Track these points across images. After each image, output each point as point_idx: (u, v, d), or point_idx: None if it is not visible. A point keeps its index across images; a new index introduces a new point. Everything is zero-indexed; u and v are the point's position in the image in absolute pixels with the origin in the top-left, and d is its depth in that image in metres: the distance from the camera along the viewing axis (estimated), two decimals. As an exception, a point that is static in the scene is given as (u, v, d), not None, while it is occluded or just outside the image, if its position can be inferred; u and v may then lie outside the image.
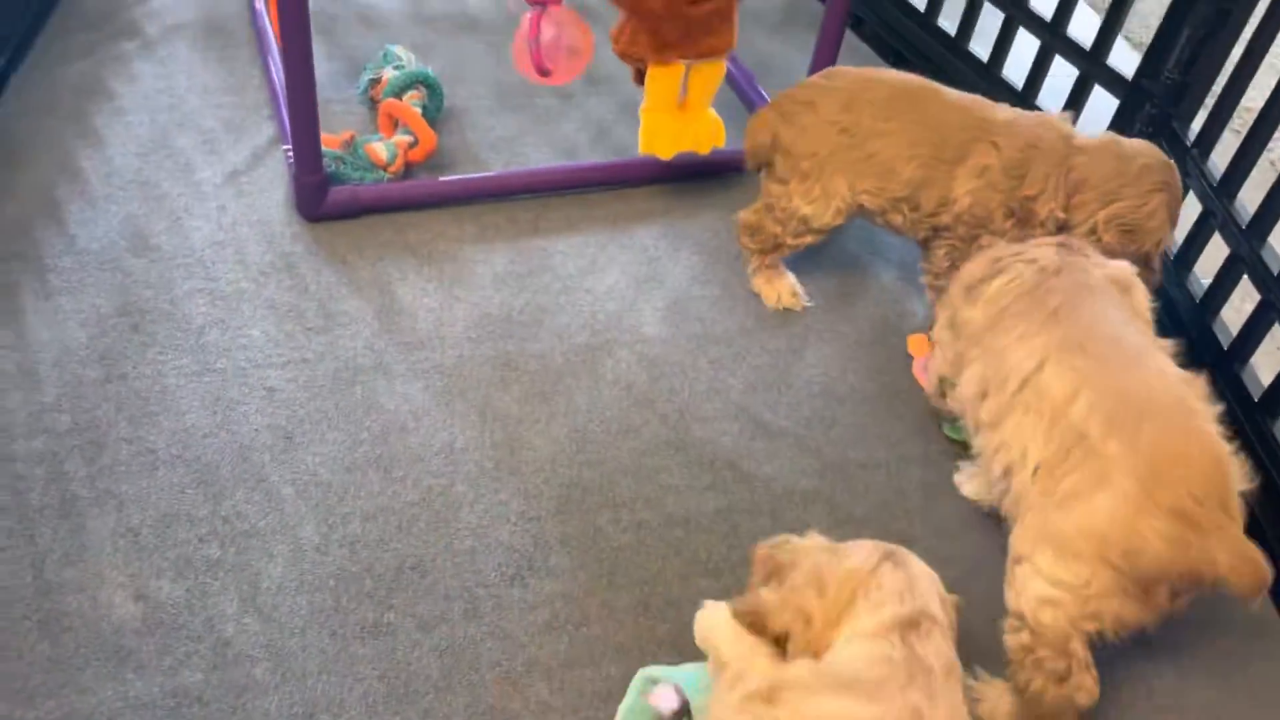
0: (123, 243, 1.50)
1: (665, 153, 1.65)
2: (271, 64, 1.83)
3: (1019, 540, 1.09)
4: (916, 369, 1.49)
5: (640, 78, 1.61)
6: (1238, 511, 1.02)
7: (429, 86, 1.76)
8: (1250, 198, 1.43)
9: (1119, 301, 1.20)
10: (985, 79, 1.90)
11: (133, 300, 1.42)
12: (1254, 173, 1.45)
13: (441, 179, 1.66)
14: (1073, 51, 1.76)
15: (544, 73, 1.48)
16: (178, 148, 1.68)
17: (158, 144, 1.68)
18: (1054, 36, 1.78)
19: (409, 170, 1.68)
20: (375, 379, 1.37)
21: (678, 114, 1.61)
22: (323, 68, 1.86)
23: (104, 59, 1.83)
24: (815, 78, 1.55)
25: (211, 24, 1.95)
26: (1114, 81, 1.69)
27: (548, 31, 1.46)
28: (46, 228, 1.50)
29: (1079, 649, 1.04)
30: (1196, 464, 1.01)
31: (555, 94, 1.92)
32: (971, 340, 1.24)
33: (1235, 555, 0.99)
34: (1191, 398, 1.08)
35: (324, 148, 1.58)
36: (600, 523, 1.25)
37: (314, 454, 1.27)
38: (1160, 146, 1.55)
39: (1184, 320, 1.51)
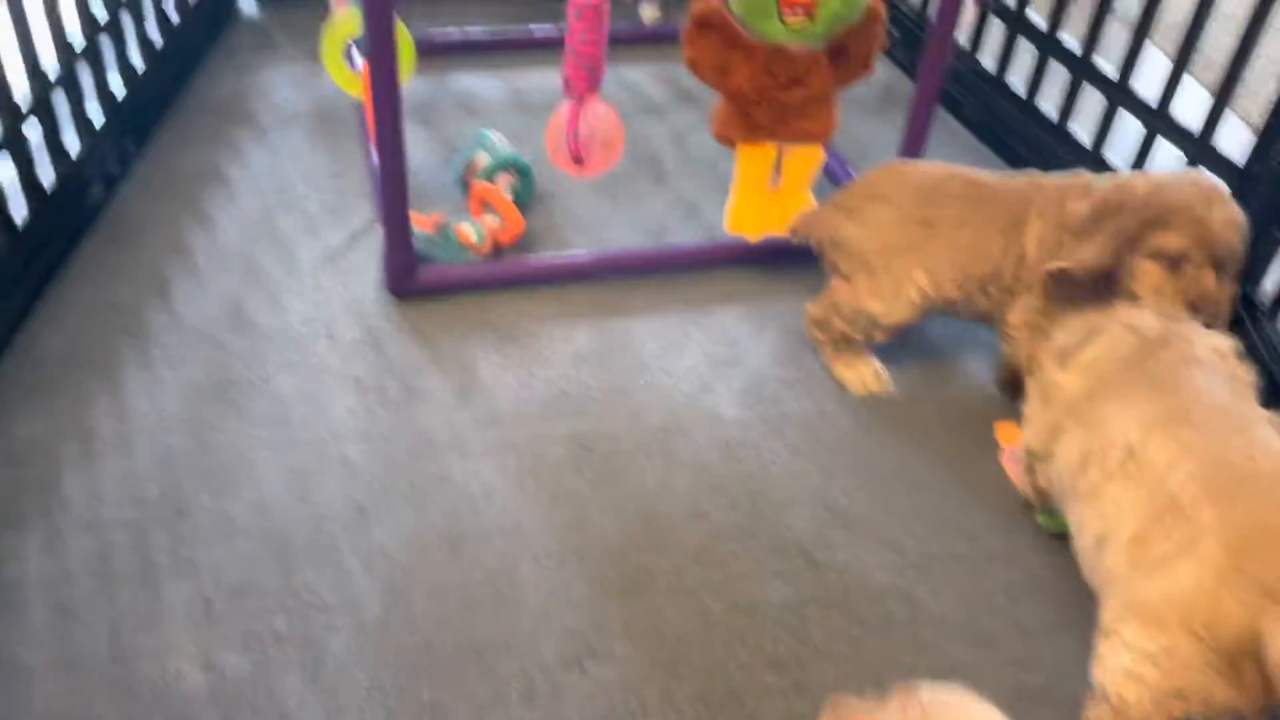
0: (223, 319, 1.57)
1: (751, 234, 1.65)
2: (372, 149, 1.90)
3: (1107, 613, 1.04)
4: (1005, 459, 1.43)
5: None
6: None
7: (520, 171, 1.81)
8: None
9: (1224, 373, 1.14)
10: (1088, 162, 1.84)
11: (228, 374, 1.48)
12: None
13: (526, 260, 1.69)
14: (1178, 134, 1.70)
15: (579, 162, 1.51)
16: (281, 228, 1.76)
17: (263, 225, 1.76)
18: (1157, 118, 1.73)
19: (498, 252, 1.71)
20: (449, 455, 1.39)
21: (767, 196, 1.62)
22: (421, 152, 1.95)
23: (221, 145, 1.94)
24: (878, 172, 1.53)
25: (323, 114, 2.05)
26: (1223, 167, 1.62)
27: (583, 124, 1.49)
28: (155, 304, 1.58)
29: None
30: None
31: (647, 176, 1.95)
32: (1067, 409, 1.20)
33: None
34: None
35: (415, 228, 1.64)
36: (665, 609, 1.23)
37: (384, 528, 1.29)
38: (1272, 236, 1.48)
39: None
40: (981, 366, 1.59)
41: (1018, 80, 2.04)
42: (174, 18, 2.06)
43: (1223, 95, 1.61)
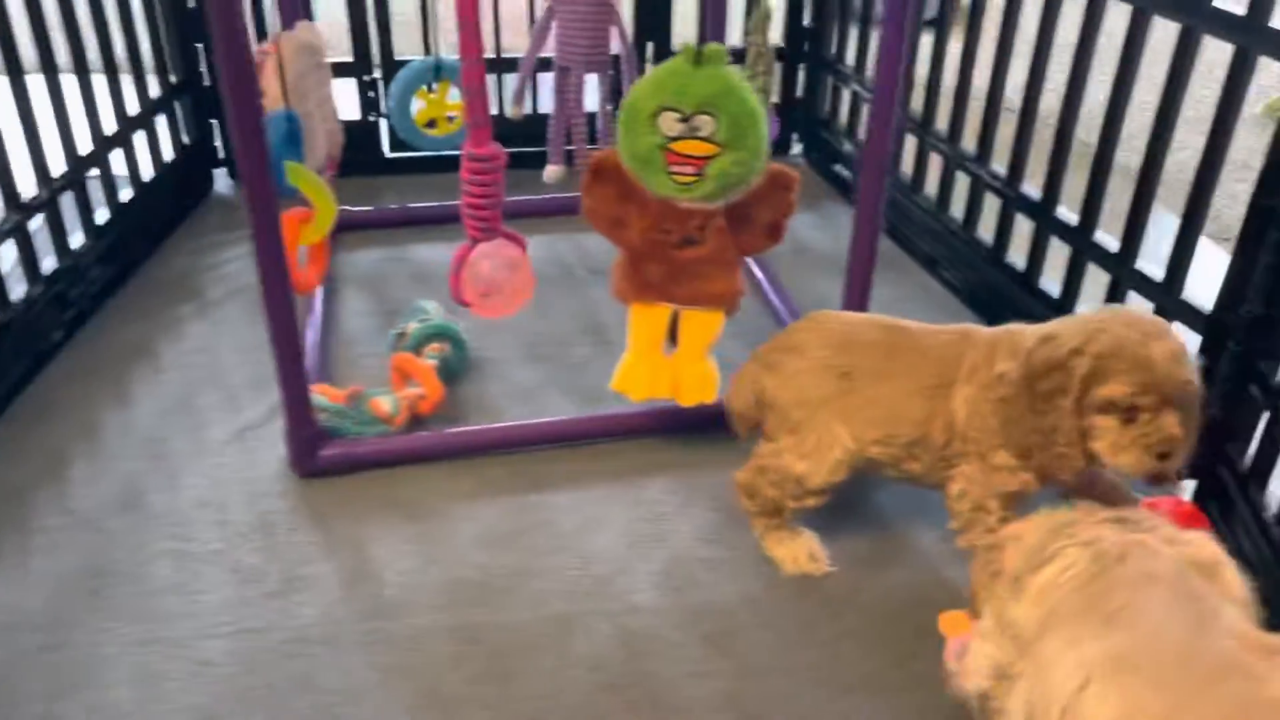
0: (114, 502, 1.48)
1: (635, 395, 1.54)
2: (310, 320, 1.85)
3: None
4: (949, 653, 1.25)
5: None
6: None
7: (452, 340, 1.74)
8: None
9: (1199, 592, 0.93)
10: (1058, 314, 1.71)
11: (103, 562, 1.37)
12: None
13: (438, 433, 1.59)
14: (1146, 284, 1.57)
15: (463, 303, 1.47)
16: (198, 405, 1.69)
17: (181, 402, 1.69)
18: (1123, 268, 1.60)
19: (420, 423, 1.62)
20: (319, 653, 1.25)
21: (659, 359, 1.51)
22: (363, 321, 1.90)
23: (161, 321, 1.91)
24: (796, 324, 1.42)
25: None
26: (1193, 317, 1.47)
27: (480, 266, 1.43)
28: (46, 489, 1.50)
29: None
30: None
31: (592, 343, 1.86)
32: (1021, 647, 0.99)
33: None
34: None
35: (326, 401, 1.55)
36: (529, 839, 1.05)
37: (230, 740, 1.15)
38: (1248, 394, 1.32)
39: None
40: (933, 540, 1.42)
41: (986, 234, 1.94)
42: (128, 196, 2.07)
43: (1181, 243, 1.48)
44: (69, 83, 1.83)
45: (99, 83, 1.96)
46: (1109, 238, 1.64)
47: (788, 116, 2.59)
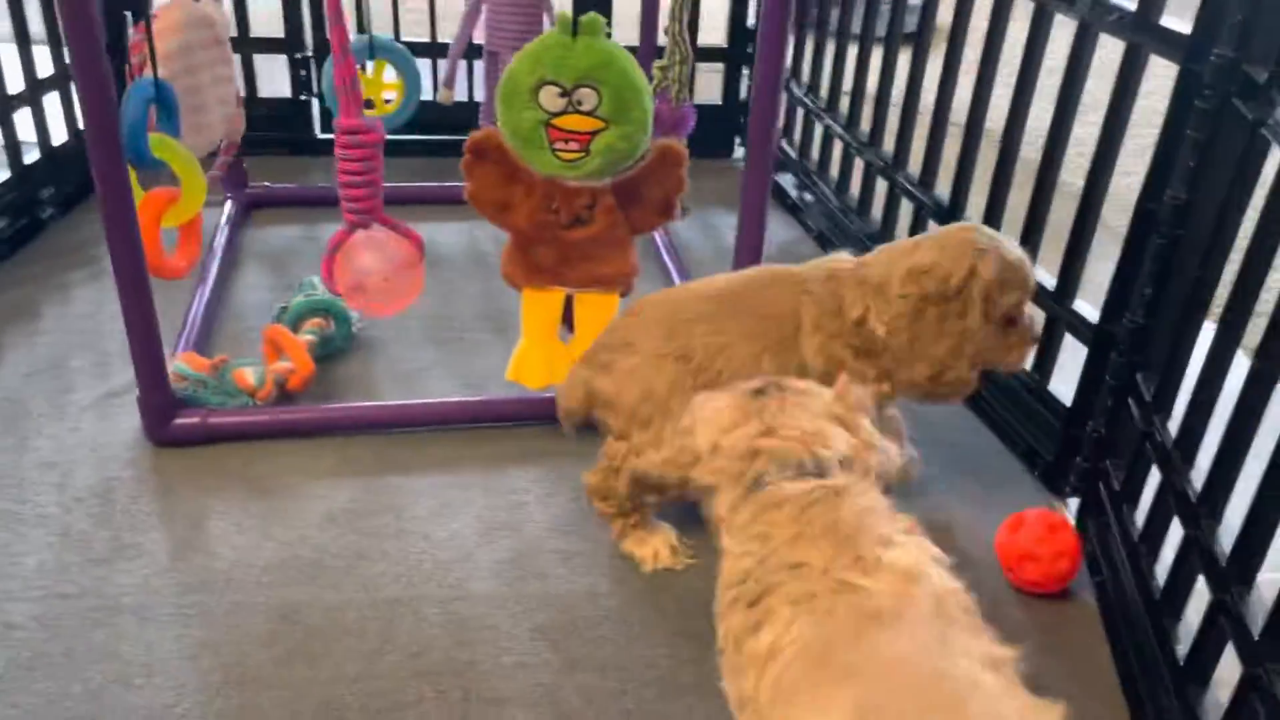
0: (-45, 460, 1.43)
1: (532, 384, 1.48)
2: (199, 291, 1.80)
3: None
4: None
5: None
6: None
7: (335, 316, 1.68)
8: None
9: (923, 618, 0.80)
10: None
11: (-73, 519, 1.32)
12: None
13: (302, 407, 1.53)
14: (1042, 295, 1.51)
15: (335, 293, 1.41)
16: (69, 368, 1.64)
17: (53, 364, 1.64)
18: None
19: (290, 398, 1.56)
20: (127, 622, 1.19)
21: (555, 346, 1.45)
22: (259, 295, 1.85)
23: (50, 285, 1.86)
24: (618, 319, 1.36)
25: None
26: (1081, 327, 1.42)
27: (359, 255, 1.37)
28: (-111, 441, 1.45)
29: None
30: None
31: (489, 329, 1.80)
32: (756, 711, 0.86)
33: None
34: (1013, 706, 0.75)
35: (189, 369, 1.50)
36: (302, 827, 0.99)
37: (10, 704, 1.08)
38: (1127, 409, 1.27)
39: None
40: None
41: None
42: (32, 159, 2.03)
43: (1071, 250, 1.43)
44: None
45: (8, 50, 1.92)
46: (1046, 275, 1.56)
47: (731, 120, 2.55)
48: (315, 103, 2.41)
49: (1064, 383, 1.48)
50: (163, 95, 1.47)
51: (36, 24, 1.99)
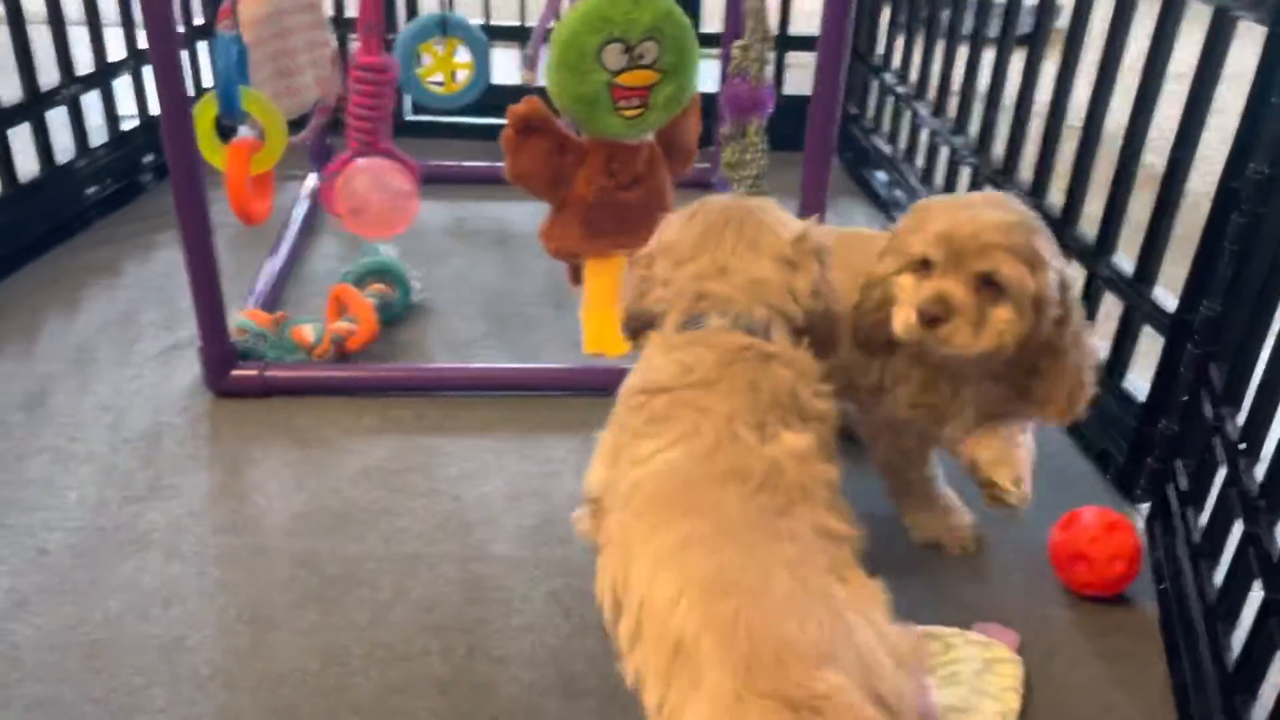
0: (22, 397, 1.48)
1: (615, 351, 1.46)
2: (272, 256, 1.84)
3: None
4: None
5: (576, 275, 1.46)
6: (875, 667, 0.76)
7: (397, 281, 1.70)
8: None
9: (763, 478, 0.87)
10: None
11: (-13, 450, 1.38)
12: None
13: (352, 365, 1.54)
14: (1119, 282, 1.41)
15: (333, 213, 1.39)
16: (140, 321, 1.69)
17: (125, 317, 1.70)
18: (1099, 261, 1.45)
19: (346, 359, 1.58)
20: (153, 558, 1.21)
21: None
22: (329, 264, 1.89)
23: (135, 245, 1.93)
24: None
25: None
26: (1159, 316, 1.32)
27: (357, 180, 1.37)
28: (-35, 376, 1.52)
29: None
30: (802, 641, 0.74)
31: (551, 304, 1.79)
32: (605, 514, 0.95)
33: None
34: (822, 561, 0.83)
35: (250, 323, 1.53)
36: (290, 766, 0.98)
37: (32, 625, 1.11)
38: (1200, 405, 1.17)
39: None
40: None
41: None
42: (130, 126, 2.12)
43: (1151, 235, 1.33)
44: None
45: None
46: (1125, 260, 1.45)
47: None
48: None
49: (1145, 379, 1.38)
50: (242, 49, 1.52)
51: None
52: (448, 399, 1.52)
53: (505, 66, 2.27)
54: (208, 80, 1.43)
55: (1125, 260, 1.39)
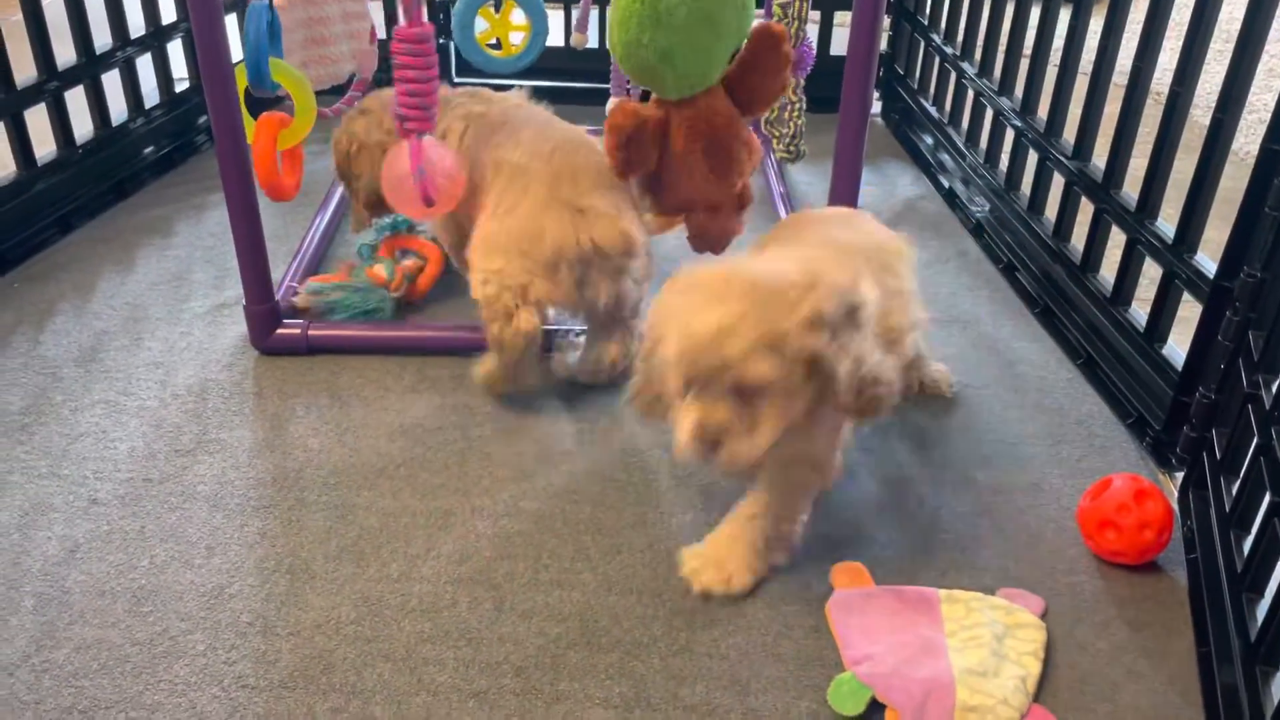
0: (76, 352, 1.54)
1: None
2: (317, 218, 1.88)
3: (471, 256, 1.39)
4: (831, 606, 1.14)
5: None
6: (622, 204, 1.37)
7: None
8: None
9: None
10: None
11: (43, 403, 1.43)
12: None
13: (386, 326, 1.58)
14: (1159, 246, 1.39)
15: (429, 203, 1.38)
16: (191, 280, 1.74)
17: (177, 276, 1.75)
18: (1140, 227, 1.42)
19: (413, 296, 1.64)
20: (199, 509, 1.26)
21: None
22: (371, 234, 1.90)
23: (188, 205, 1.98)
24: None
25: (306, 185, 2.05)
26: (1199, 282, 1.30)
27: (425, 162, 1.37)
28: (25, 334, 1.58)
29: (510, 301, 1.34)
30: (585, 170, 1.37)
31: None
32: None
33: (608, 228, 1.33)
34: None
35: (321, 284, 1.58)
36: (321, 710, 1.02)
37: (84, 571, 1.17)
38: (1238, 372, 1.15)
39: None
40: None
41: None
42: (182, 88, 2.16)
43: (1193, 196, 1.30)
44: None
45: (163, -26, 2.05)
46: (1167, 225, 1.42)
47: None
48: (451, 48, 2.46)
49: (1183, 346, 1.36)
50: (274, 19, 1.54)
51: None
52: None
53: (555, 29, 2.27)
54: (237, 53, 1.44)
55: (1167, 225, 1.37)
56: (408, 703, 1.02)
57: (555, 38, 2.01)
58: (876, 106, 2.49)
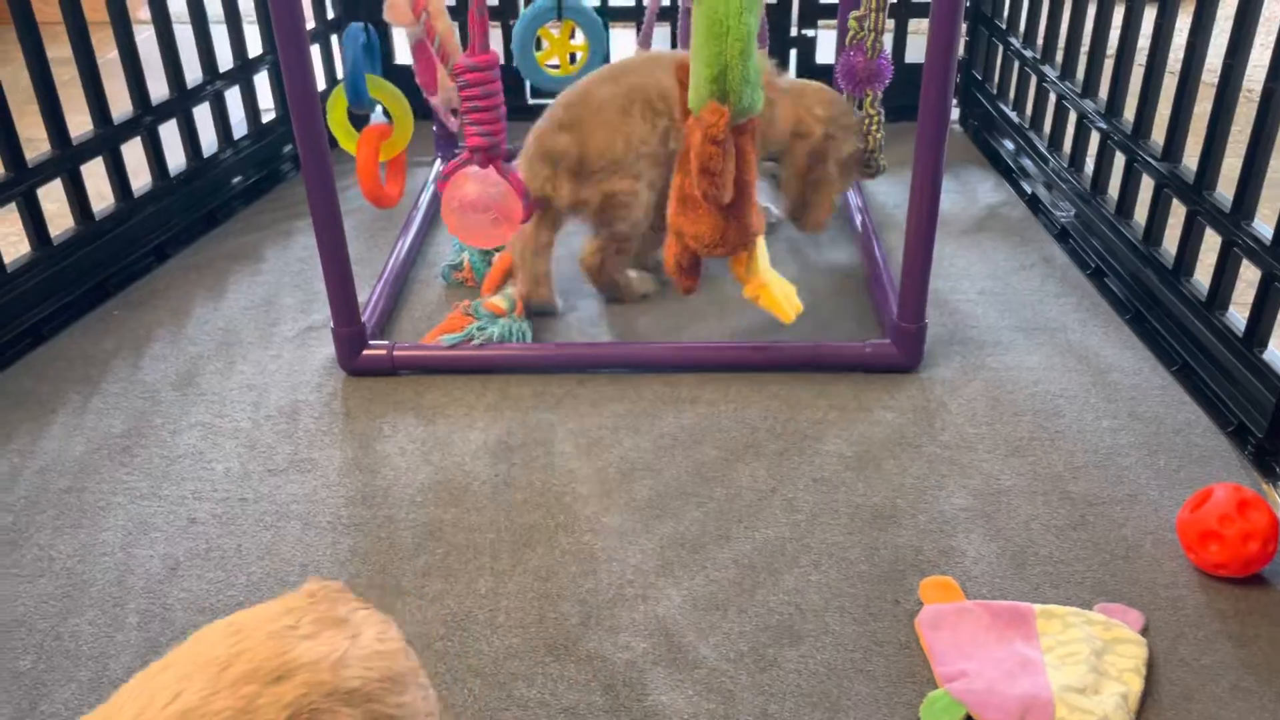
0: (174, 377, 1.59)
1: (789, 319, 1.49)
2: (401, 239, 1.92)
3: None
4: (921, 621, 1.12)
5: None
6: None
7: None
8: None
9: None
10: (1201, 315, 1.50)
11: (144, 426, 1.48)
12: None
13: (469, 348, 1.59)
14: (1257, 249, 1.34)
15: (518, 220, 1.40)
16: (280, 304, 1.79)
17: (267, 300, 1.80)
18: (1237, 230, 1.38)
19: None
20: (292, 527, 1.29)
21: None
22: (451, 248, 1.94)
23: (276, 232, 2.04)
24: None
25: (385, 210, 2.10)
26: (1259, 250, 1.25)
27: (472, 188, 1.39)
28: (124, 360, 1.64)
29: None
30: None
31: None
32: None
33: None
34: None
35: (454, 335, 1.60)
36: (413, 723, 1.03)
37: (183, 589, 1.20)
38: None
39: None
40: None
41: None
42: (269, 119, 2.23)
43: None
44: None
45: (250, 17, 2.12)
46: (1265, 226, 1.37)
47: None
48: (526, 68, 2.49)
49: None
50: (370, 37, 1.59)
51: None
52: (563, 377, 1.56)
53: (624, 45, 2.30)
54: (321, 82, 1.50)
55: (1264, 225, 1.32)
56: (497, 718, 1.03)
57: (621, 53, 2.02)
58: (955, 113, 2.45)
